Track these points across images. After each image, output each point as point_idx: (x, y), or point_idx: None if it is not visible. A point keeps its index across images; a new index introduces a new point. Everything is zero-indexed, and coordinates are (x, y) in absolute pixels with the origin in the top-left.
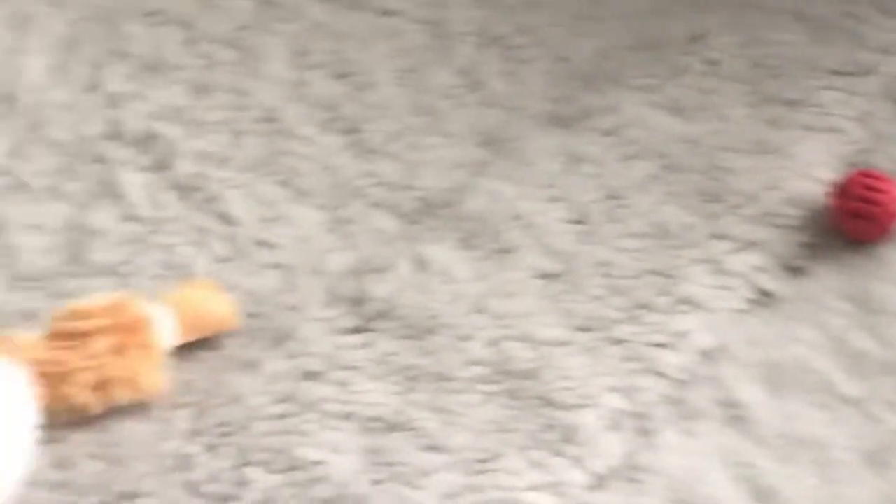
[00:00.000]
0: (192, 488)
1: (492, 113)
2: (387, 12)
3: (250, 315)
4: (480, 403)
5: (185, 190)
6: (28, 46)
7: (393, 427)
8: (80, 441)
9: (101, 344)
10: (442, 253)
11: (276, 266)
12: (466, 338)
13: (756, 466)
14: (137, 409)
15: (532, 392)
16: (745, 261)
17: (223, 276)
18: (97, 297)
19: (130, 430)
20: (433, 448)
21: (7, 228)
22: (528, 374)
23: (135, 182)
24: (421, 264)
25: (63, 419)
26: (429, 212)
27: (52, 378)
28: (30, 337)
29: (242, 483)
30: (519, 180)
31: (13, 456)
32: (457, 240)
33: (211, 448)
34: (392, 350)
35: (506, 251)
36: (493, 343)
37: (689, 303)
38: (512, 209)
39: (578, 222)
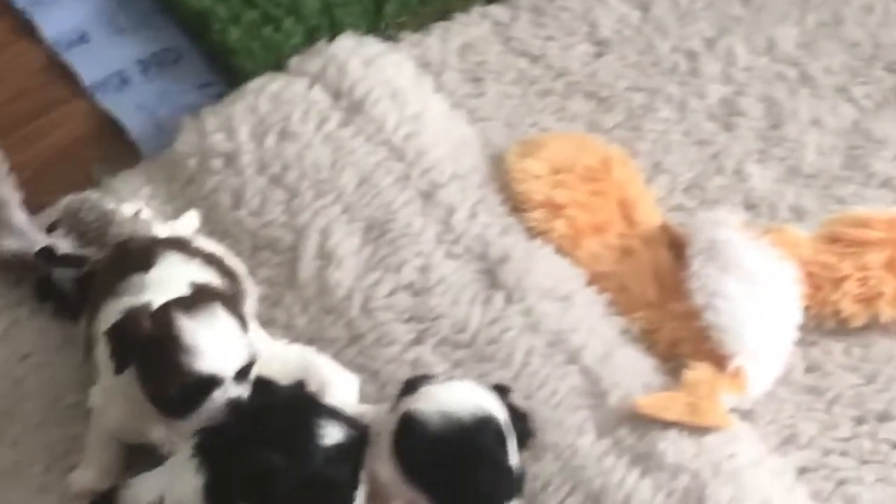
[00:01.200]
0: None
1: None
2: None
3: None
4: None
5: None
6: None
7: None
8: (835, 350)
9: (876, 256)
10: None
11: None
12: None
13: None
14: None
15: None
16: None
17: None
18: (876, 208)
19: (891, 350)
20: None
21: (792, 120)
22: None
23: None
24: None
25: (822, 324)
26: None
27: (818, 281)
28: (799, 235)
29: None
30: None
31: (776, 351)
32: None
33: None
34: None
35: None
36: None
37: None
38: None
39: None
